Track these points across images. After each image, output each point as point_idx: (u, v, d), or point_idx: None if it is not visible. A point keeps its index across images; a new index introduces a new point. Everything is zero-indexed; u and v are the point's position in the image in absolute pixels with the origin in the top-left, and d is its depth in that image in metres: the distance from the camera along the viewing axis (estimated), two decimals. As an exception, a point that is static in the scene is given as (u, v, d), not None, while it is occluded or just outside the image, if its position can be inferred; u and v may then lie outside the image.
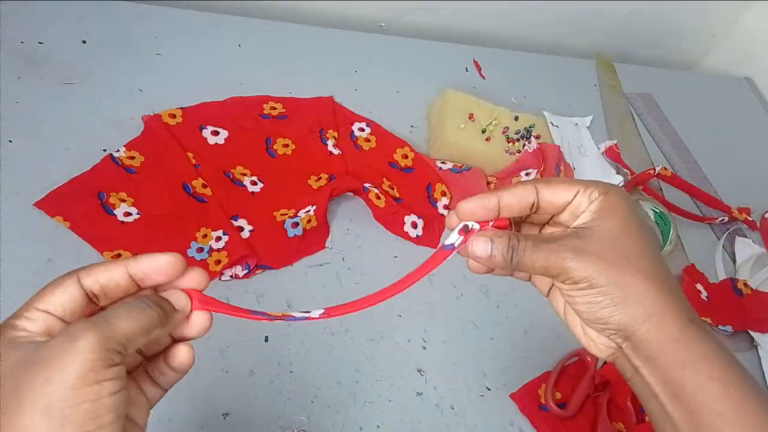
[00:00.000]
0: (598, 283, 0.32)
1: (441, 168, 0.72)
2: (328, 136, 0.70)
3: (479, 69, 0.89)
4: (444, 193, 0.70)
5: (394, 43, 0.87)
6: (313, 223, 0.61)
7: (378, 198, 0.65)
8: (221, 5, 0.81)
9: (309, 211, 0.62)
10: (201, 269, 0.30)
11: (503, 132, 0.75)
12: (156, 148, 0.62)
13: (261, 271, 0.58)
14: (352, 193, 0.66)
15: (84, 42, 0.69)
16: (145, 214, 0.58)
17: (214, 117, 0.67)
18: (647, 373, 0.33)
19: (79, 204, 0.56)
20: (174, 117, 0.66)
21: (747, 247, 0.81)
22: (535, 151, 0.73)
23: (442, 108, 0.76)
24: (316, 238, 0.62)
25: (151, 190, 0.59)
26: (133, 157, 0.61)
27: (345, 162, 0.69)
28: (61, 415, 0.23)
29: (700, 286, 0.72)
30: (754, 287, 0.73)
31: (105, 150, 0.61)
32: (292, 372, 0.53)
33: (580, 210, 0.34)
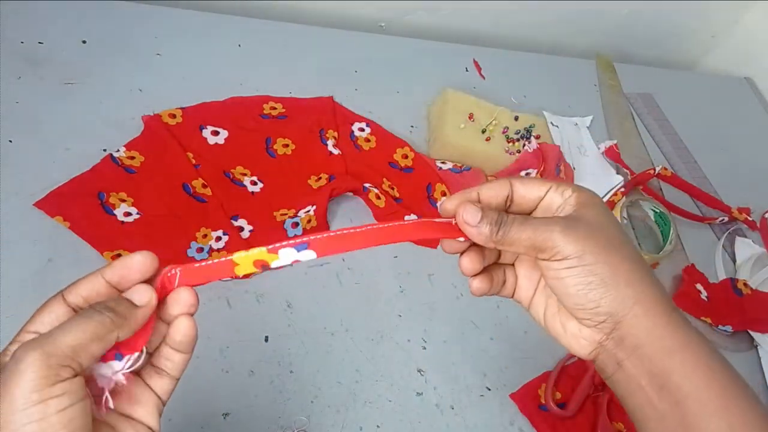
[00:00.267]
0: (588, 261, 0.32)
1: (441, 168, 0.72)
2: (328, 136, 0.70)
3: (479, 69, 0.89)
4: (444, 193, 0.70)
5: (394, 43, 0.87)
6: (313, 223, 0.61)
7: (378, 198, 0.65)
8: (221, 5, 0.81)
9: (309, 211, 0.62)
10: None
11: (503, 132, 0.75)
12: (156, 148, 0.62)
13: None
14: (352, 193, 0.66)
15: (84, 42, 0.69)
16: (145, 214, 0.58)
17: (214, 117, 0.67)
18: (632, 365, 0.32)
19: (79, 204, 0.56)
20: (174, 117, 0.66)
21: (747, 247, 0.81)
22: (535, 151, 0.73)
23: (442, 108, 0.76)
24: (316, 238, 0.62)
25: (151, 190, 0.59)
26: (133, 157, 0.61)
27: (345, 162, 0.69)
28: None
29: (700, 286, 0.72)
30: (754, 287, 0.73)
31: (105, 150, 0.61)
32: (292, 372, 0.53)
33: (553, 207, 0.35)
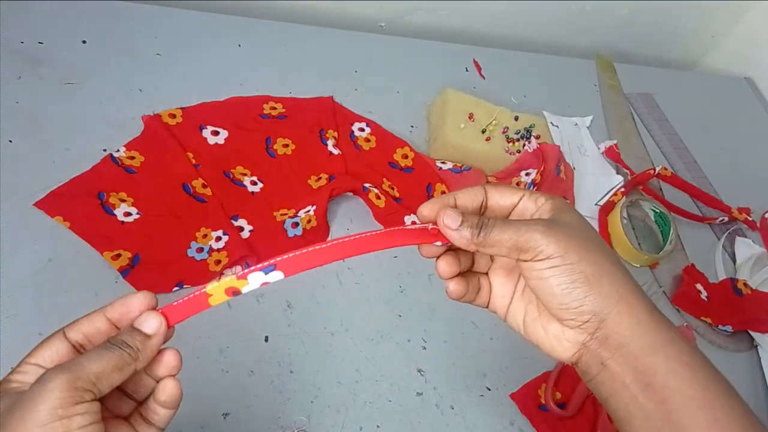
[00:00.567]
0: (571, 259, 0.32)
1: (441, 168, 0.72)
2: (328, 136, 0.70)
3: (479, 69, 0.89)
4: (444, 193, 0.70)
5: (394, 43, 0.87)
6: (313, 223, 0.61)
7: (378, 198, 0.65)
8: (221, 5, 0.81)
9: (309, 211, 0.62)
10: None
11: (503, 132, 0.75)
12: (156, 148, 0.62)
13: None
14: (352, 193, 0.66)
15: (84, 42, 0.69)
16: (145, 214, 0.58)
17: (214, 117, 0.67)
18: (617, 364, 0.33)
19: (79, 204, 0.56)
20: (174, 117, 0.66)
21: (747, 247, 0.81)
22: (535, 151, 0.73)
23: (442, 108, 0.76)
24: (316, 238, 0.62)
25: (151, 190, 0.59)
26: (133, 157, 0.61)
27: (345, 162, 0.69)
28: None
29: (700, 286, 0.72)
30: (754, 287, 0.73)
31: (105, 150, 0.61)
32: (292, 372, 0.53)
33: (526, 214, 0.36)
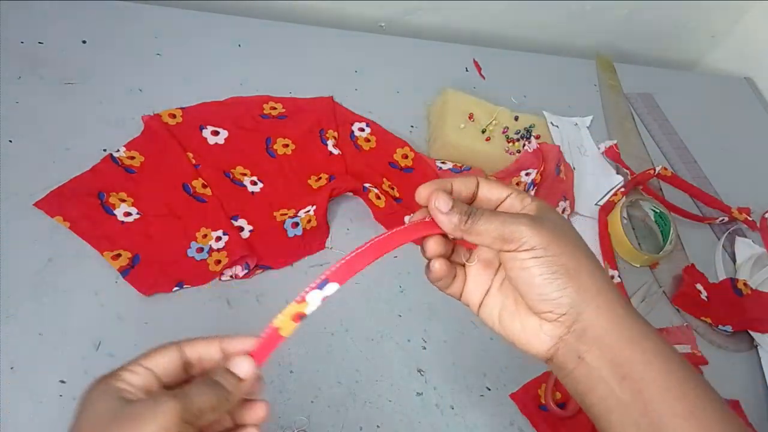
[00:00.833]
0: (554, 251, 0.33)
1: (441, 168, 0.72)
2: (328, 136, 0.70)
3: (479, 69, 0.89)
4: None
5: (394, 43, 0.87)
6: (313, 223, 0.61)
7: (378, 198, 0.65)
8: (221, 5, 0.81)
9: (309, 211, 0.62)
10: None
11: (503, 132, 0.75)
12: (156, 148, 0.62)
13: (261, 271, 0.58)
14: (352, 193, 0.66)
15: (84, 42, 0.69)
16: (145, 214, 0.58)
17: (214, 117, 0.67)
18: (594, 357, 0.33)
19: (79, 204, 0.56)
20: (174, 117, 0.66)
21: (747, 247, 0.81)
22: (535, 151, 0.73)
23: (442, 108, 0.76)
24: (316, 238, 0.62)
25: (151, 190, 0.59)
26: (133, 157, 0.61)
27: (345, 162, 0.69)
28: None
29: (700, 286, 0.72)
30: (754, 287, 0.73)
31: (105, 150, 0.61)
32: (292, 372, 0.53)
33: (512, 212, 0.36)
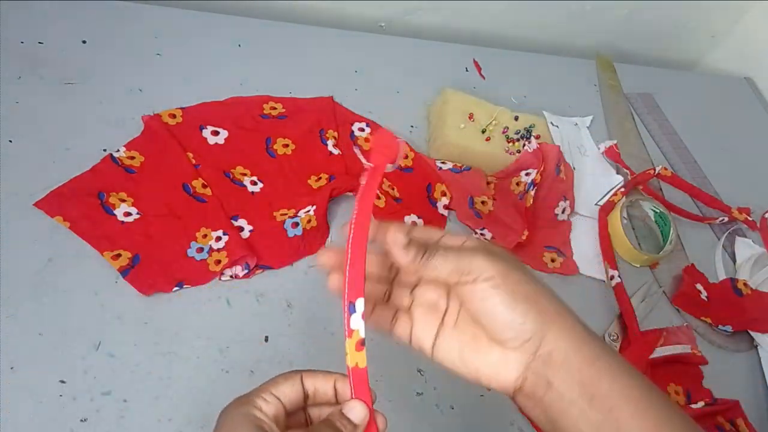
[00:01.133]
0: (512, 278, 0.33)
1: (441, 168, 0.72)
2: (328, 136, 0.70)
3: (479, 69, 0.89)
4: (444, 193, 0.70)
5: (394, 43, 0.87)
6: (313, 223, 0.61)
7: (378, 198, 0.65)
8: (221, 5, 0.81)
9: (309, 211, 0.62)
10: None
11: (503, 132, 0.75)
12: (156, 148, 0.62)
13: (261, 271, 0.58)
14: (352, 193, 0.66)
15: (84, 42, 0.69)
16: (145, 214, 0.58)
17: (214, 117, 0.67)
18: (562, 380, 0.33)
19: (79, 204, 0.56)
20: (174, 117, 0.66)
21: (747, 247, 0.81)
22: (535, 151, 0.73)
23: (442, 108, 0.76)
24: (316, 238, 0.62)
25: (151, 190, 0.59)
26: (133, 157, 0.61)
27: (345, 162, 0.69)
28: None
29: (700, 286, 0.72)
30: (754, 287, 0.73)
31: (105, 150, 0.61)
32: (292, 372, 0.53)
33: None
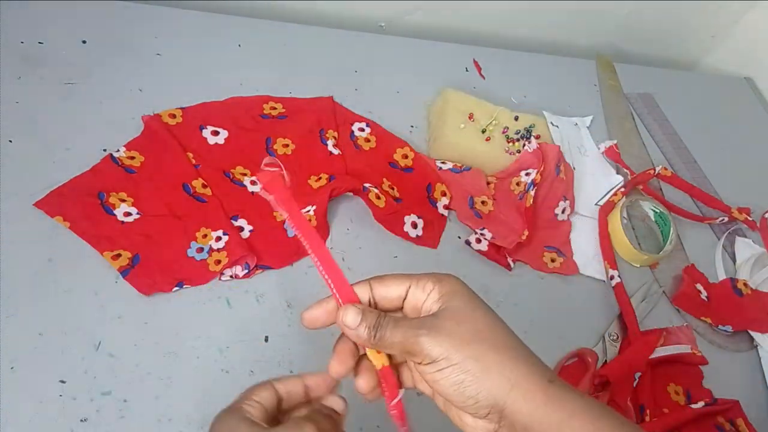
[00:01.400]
0: (456, 359, 0.32)
1: (441, 168, 0.72)
2: (328, 136, 0.70)
3: (479, 69, 0.89)
4: (444, 193, 0.70)
5: (394, 43, 0.87)
6: (313, 222, 0.61)
7: (378, 198, 0.65)
8: (221, 5, 0.81)
9: (309, 211, 0.62)
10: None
11: (503, 132, 0.75)
12: (156, 148, 0.62)
13: (261, 271, 0.58)
14: (352, 193, 0.66)
15: (84, 42, 0.69)
16: (145, 214, 0.58)
17: (214, 117, 0.67)
18: None
19: (79, 204, 0.56)
20: (174, 117, 0.66)
21: (747, 247, 0.81)
22: (535, 151, 0.73)
23: (442, 108, 0.76)
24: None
25: (151, 190, 0.59)
26: (133, 157, 0.61)
27: (345, 162, 0.69)
28: None
29: (700, 286, 0.72)
30: (754, 287, 0.73)
31: (105, 150, 0.61)
32: (291, 372, 0.53)
33: (419, 304, 0.36)
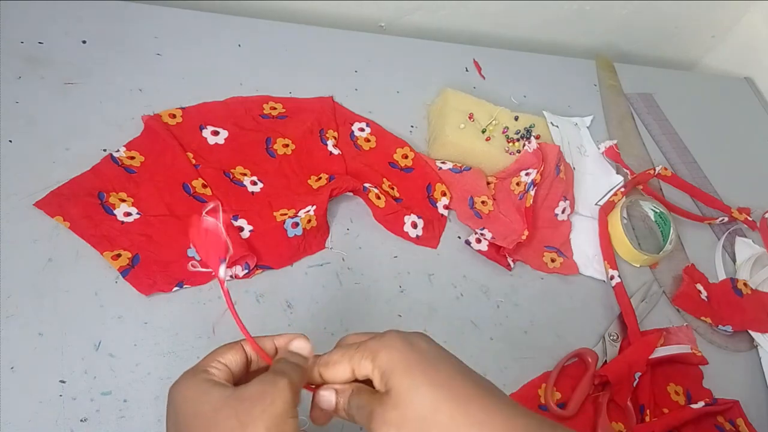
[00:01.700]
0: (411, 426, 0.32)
1: (441, 168, 0.72)
2: (328, 136, 0.70)
3: (479, 69, 0.89)
4: (444, 193, 0.70)
5: (394, 43, 0.87)
6: (313, 223, 0.61)
7: (378, 198, 0.65)
8: (221, 5, 0.81)
9: (309, 211, 0.62)
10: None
11: (503, 132, 0.75)
12: (156, 148, 0.62)
13: (261, 271, 0.58)
14: (352, 193, 0.66)
15: (84, 42, 0.69)
16: (145, 214, 0.58)
17: (214, 117, 0.67)
18: None
19: (79, 204, 0.56)
20: (174, 117, 0.66)
21: (747, 247, 0.81)
22: (535, 151, 0.73)
23: (442, 108, 0.76)
24: (316, 238, 0.62)
25: (151, 190, 0.59)
26: (133, 157, 0.61)
27: (345, 162, 0.69)
28: None
29: (700, 286, 0.72)
30: (754, 287, 0.74)
31: (105, 150, 0.61)
32: (292, 372, 0.53)
33: (373, 379, 0.36)
